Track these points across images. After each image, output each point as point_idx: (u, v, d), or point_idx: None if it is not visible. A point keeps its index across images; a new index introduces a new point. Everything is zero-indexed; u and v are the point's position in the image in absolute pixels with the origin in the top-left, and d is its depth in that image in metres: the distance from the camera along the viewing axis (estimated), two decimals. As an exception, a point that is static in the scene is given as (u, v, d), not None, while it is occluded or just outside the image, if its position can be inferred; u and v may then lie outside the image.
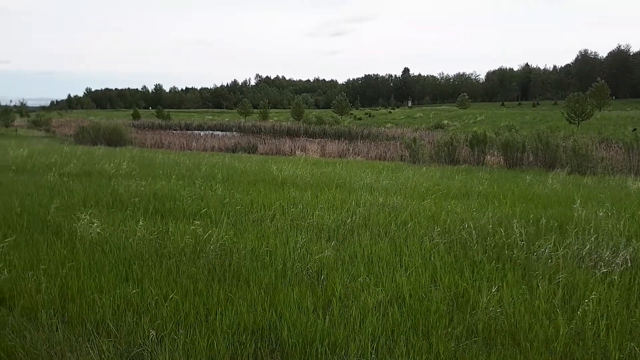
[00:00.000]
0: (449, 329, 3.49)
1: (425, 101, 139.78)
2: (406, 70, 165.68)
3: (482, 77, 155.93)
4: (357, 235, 5.85)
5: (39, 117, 51.48)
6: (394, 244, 5.49)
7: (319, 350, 3.13)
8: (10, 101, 73.29)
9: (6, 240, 5.10)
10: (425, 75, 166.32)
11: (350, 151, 30.90)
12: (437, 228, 6.00)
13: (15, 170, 10.80)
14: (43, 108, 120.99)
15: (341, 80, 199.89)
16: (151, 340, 3.26)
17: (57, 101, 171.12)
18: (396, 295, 4.02)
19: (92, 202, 7.27)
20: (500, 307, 3.81)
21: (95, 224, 5.70)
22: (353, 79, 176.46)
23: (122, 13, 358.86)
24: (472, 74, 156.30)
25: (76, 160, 12.64)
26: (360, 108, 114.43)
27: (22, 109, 70.77)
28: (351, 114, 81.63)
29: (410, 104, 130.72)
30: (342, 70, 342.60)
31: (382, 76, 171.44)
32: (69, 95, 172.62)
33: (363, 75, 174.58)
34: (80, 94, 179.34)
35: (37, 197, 7.57)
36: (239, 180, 10.66)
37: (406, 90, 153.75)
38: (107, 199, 7.51)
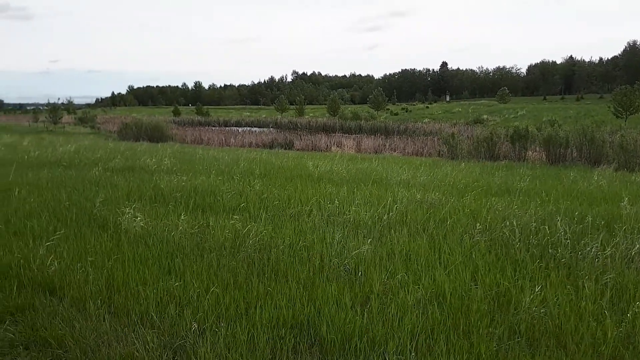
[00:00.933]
0: (490, 329, 3.42)
1: (464, 96, 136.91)
2: (444, 65, 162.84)
3: (524, 70, 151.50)
4: (394, 232, 5.80)
5: (85, 114, 53.50)
6: (433, 242, 5.42)
7: (358, 346, 3.12)
8: (58, 99, 76.38)
9: (56, 233, 5.33)
10: (464, 70, 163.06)
11: (387, 147, 30.67)
12: (477, 225, 5.88)
13: (64, 166, 11.25)
14: (88, 105, 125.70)
15: (377, 75, 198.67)
16: (193, 332, 3.34)
17: (101, 99, 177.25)
18: (436, 293, 3.97)
19: (135, 197, 7.50)
20: (544, 307, 3.70)
21: (139, 218, 5.87)
22: (390, 74, 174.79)
23: (162, 14, 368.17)
24: (512, 68, 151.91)
25: (120, 156, 13.05)
26: (396, 103, 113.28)
27: (69, 107, 73.66)
28: (387, 109, 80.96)
29: (448, 98, 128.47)
30: (379, 65, 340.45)
31: (419, 71, 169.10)
32: (113, 93, 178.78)
33: (400, 70, 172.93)
34: (124, 92, 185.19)
35: (83, 191, 7.86)
36: (276, 175, 10.75)
37: (444, 84, 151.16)
38: (150, 194, 7.72)
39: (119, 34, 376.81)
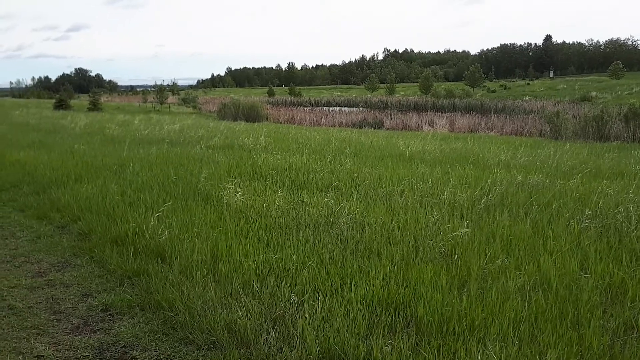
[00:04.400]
0: (602, 321, 3.17)
1: (570, 71, 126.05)
2: (548, 38, 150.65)
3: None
4: (493, 215, 5.55)
5: (187, 95, 56.73)
6: (536, 226, 5.12)
7: (456, 329, 3.05)
8: (163, 81, 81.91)
9: (165, 205, 5.76)
10: (570, 43, 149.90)
11: (483, 126, 29.33)
12: (586, 211, 5.45)
13: (170, 143, 12.08)
14: (191, 87, 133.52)
15: (474, 51, 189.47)
16: (292, 303, 3.46)
17: (202, 80, 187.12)
18: (540, 280, 3.75)
19: (235, 173, 7.86)
20: (667, 302, 3.36)
21: (239, 193, 6.16)
22: (487, 49, 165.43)
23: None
24: (628, 40, 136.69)
25: (220, 135, 13.74)
26: (494, 80, 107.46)
27: (173, 88, 78.65)
28: (484, 86, 77.17)
29: (552, 74, 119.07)
30: (475, 40, 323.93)
31: (519, 45, 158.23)
32: (213, 75, 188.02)
33: (498, 45, 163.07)
34: (222, 73, 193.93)
35: (188, 167, 8.39)
36: (367, 155, 10.72)
37: (547, 59, 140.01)
38: (248, 171, 8.06)
39: (220, 18, 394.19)
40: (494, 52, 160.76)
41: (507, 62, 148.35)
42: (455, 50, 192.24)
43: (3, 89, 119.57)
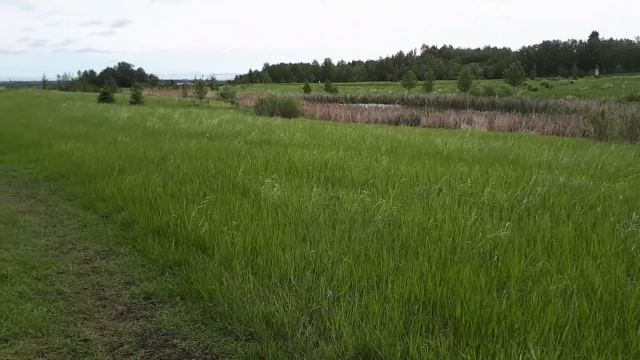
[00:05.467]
0: (651, 331, 3.06)
1: (617, 70, 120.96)
2: (594, 35, 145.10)
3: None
4: (534, 216, 5.42)
5: (225, 90, 57.56)
6: (579, 229, 4.96)
7: (495, 331, 3.01)
8: (202, 75, 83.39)
9: (206, 198, 5.88)
10: (618, 40, 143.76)
11: (523, 125, 28.59)
12: (633, 215, 5.25)
13: (208, 137, 12.32)
14: (229, 82, 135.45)
15: (515, 47, 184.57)
16: (328, 299, 3.48)
17: (240, 75, 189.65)
18: (583, 285, 3.64)
19: (272, 168, 7.95)
20: None
21: (276, 188, 6.23)
22: (529, 46, 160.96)
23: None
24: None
25: (257, 130, 13.90)
26: (535, 78, 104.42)
27: (212, 83, 79.91)
28: (525, 84, 75.13)
29: (597, 72, 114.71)
30: (517, 36, 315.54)
31: (563, 42, 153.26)
32: (250, 70, 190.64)
33: (541, 42, 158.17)
34: (260, 69, 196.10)
35: (227, 161, 8.53)
36: (403, 152, 10.63)
37: (593, 57, 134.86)
38: (285, 166, 8.13)
39: (258, 14, 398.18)
40: (536, 49, 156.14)
41: (549, 59, 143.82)
42: (495, 47, 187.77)
43: (51, 82, 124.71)
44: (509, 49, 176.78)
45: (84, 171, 8.18)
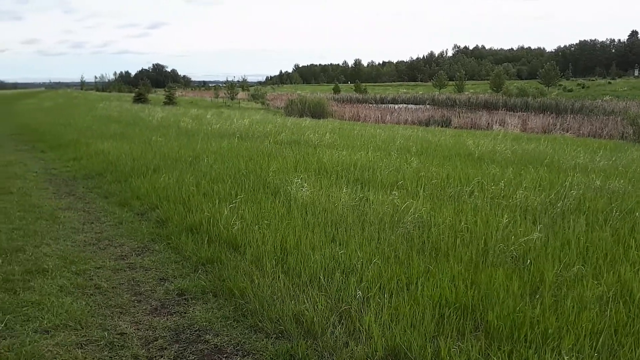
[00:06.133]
0: (693, 340, 2.96)
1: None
2: (634, 34, 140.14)
3: None
4: (569, 220, 5.29)
5: (256, 91, 58.07)
6: (617, 234, 4.83)
7: (528, 337, 2.96)
8: (234, 77, 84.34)
9: (237, 197, 5.98)
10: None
11: (557, 126, 27.91)
12: (675, 220, 5.07)
13: (239, 137, 12.48)
14: (259, 83, 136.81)
15: (550, 47, 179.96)
16: (357, 299, 3.50)
17: (270, 77, 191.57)
18: (620, 291, 3.55)
19: (301, 168, 8.01)
20: None
21: (305, 188, 6.28)
22: (564, 46, 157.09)
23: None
24: None
25: (287, 130, 14.00)
26: (571, 78, 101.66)
27: (243, 84, 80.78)
28: (560, 84, 73.28)
29: (637, 73, 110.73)
30: (552, 36, 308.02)
31: (601, 41, 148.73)
32: (281, 71, 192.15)
33: (577, 42, 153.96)
34: (290, 70, 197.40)
35: (257, 160, 8.64)
36: (434, 153, 10.53)
37: (632, 57, 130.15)
38: (314, 166, 8.17)
39: (289, 16, 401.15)
40: (572, 48, 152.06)
41: (586, 59, 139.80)
42: (529, 47, 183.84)
43: (88, 83, 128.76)
44: (544, 48, 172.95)
45: (119, 170, 8.43)
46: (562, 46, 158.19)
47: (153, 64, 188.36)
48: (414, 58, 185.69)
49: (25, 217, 5.96)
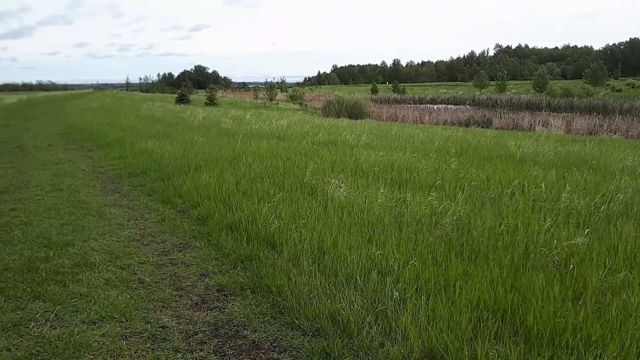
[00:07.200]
0: None
1: None
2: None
3: None
4: (615, 225, 5.11)
5: (294, 92, 58.53)
6: (668, 240, 4.62)
7: (570, 343, 2.89)
8: (273, 78, 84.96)
9: (275, 196, 6.07)
10: None
11: (604, 128, 26.88)
12: None
13: (278, 138, 12.63)
14: (298, 84, 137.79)
15: (597, 46, 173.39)
16: (394, 300, 3.49)
17: (309, 77, 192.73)
18: (670, 300, 3.40)
19: (338, 168, 8.03)
20: None
21: (343, 188, 6.30)
22: (613, 44, 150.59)
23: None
24: None
25: (324, 131, 14.05)
26: (620, 78, 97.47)
27: (282, 85, 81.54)
28: (608, 84, 70.44)
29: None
30: (599, 34, 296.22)
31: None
32: (319, 72, 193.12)
33: (627, 40, 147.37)
34: (328, 71, 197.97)
35: (295, 161, 8.72)
36: (474, 155, 10.34)
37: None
38: (351, 167, 8.19)
39: (328, 17, 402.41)
40: (622, 47, 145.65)
41: (637, 58, 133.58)
42: (575, 46, 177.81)
43: (133, 84, 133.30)
44: (591, 47, 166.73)
45: (162, 168, 8.69)
46: (610, 44, 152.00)
47: (195, 66, 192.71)
48: (454, 58, 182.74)
49: (74, 213, 6.24)
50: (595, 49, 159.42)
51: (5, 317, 3.50)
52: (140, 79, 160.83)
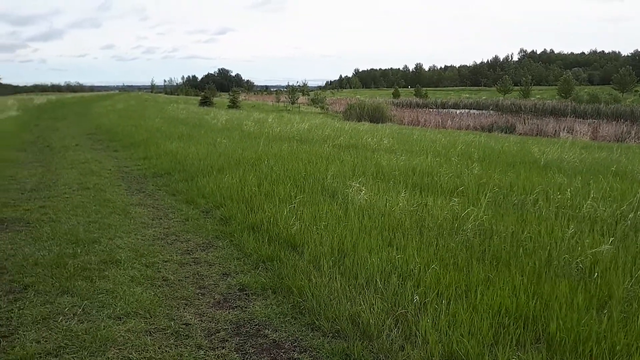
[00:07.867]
0: None
1: None
2: None
3: None
4: (643, 233, 5.01)
5: (316, 96, 58.66)
6: (697, 250, 4.51)
7: (593, 352, 2.85)
8: (296, 81, 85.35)
9: (296, 198, 6.12)
10: None
11: (632, 135, 26.32)
12: None
13: (299, 141, 12.70)
14: (319, 87, 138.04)
15: (626, 51, 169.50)
16: (414, 304, 3.50)
17: (330, 81, 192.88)
18: (698, 311, 3.33)
19: (359, 172, 8.05)
20: None
21: (363, 192, 6.32)
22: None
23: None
24: None
25: (345, 134, 14.08)
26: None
27: (304, 89, 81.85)
28: (636, 90, 68.71)
29: None
30: (628, 39, 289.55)
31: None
32: (340, 76, 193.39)
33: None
34: (350, 74, 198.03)
35: (316, 164, 8.77)
36: (496, 160, 10.23)
37: None
38: (372, 170, 8.19)
39: (350, 21, 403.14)
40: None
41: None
42: (602, 51, 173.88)
43: (158, 86, 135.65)
44: (619, 52, 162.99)
45: (186, 169, 8.83)
46: (639, 49, 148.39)
47: (219, 69, 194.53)
48: (478, 62, 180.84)
49: (100, 211, 6.39)
50: (623, 55, 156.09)
51: (35, 311, 3.62)
52: (164, 81, 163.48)
